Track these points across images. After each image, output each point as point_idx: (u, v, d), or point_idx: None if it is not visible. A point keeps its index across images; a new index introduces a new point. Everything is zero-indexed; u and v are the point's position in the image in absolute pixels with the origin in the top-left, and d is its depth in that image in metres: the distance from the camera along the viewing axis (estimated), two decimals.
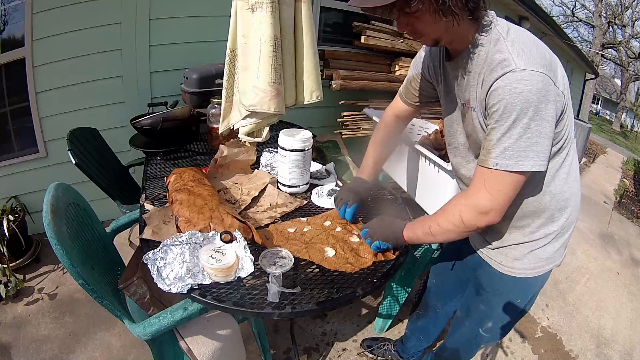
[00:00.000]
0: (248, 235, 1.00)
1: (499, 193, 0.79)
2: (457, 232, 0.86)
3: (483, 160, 0.80)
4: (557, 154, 0.85)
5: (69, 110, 2.18)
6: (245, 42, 1.33)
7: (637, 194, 5.99)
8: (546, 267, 0.97)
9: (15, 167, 2.18)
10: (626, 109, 18.08)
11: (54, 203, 0.96)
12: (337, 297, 0.87)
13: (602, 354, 1.95)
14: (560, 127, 0.80)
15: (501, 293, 1.04)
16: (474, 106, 0.84)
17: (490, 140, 0.78)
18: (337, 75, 2.85)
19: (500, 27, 0.78)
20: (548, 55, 0.76)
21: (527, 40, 0.76)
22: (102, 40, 2.13)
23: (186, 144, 1.75)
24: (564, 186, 0.89)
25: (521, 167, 0.75)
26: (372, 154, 1.22)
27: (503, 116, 0.74)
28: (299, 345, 1.68)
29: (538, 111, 0.72)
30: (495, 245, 1.00)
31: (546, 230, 0.93)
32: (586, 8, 14.80)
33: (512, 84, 0.72)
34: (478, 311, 1.11)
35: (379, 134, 1.22)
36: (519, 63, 0.72)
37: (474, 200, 0.82)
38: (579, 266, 2.81)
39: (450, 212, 0.86)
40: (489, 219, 0.81)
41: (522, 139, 0.74)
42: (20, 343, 1.62)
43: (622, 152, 10.78)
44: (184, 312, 0.91)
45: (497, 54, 0.75)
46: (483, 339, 1.15)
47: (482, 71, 0.79)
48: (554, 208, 0.90)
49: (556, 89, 0.74)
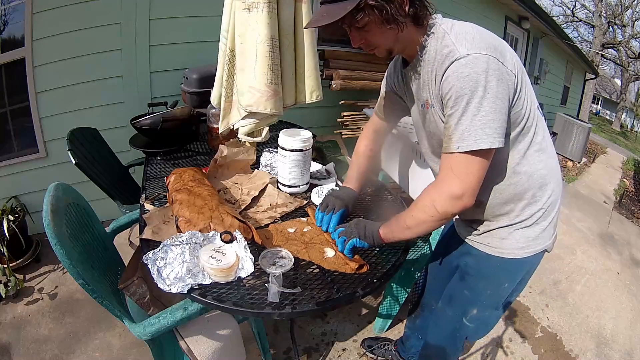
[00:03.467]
0: (248, 235, 1.00)
1: (468, 175, 0.80)
2: (432, 222, 0.87)
3: (446, 147, 0.82)
4: (524, 134, 0.87)
5: (69, 110, 2.18)
6: (242, 42, 1.33)
7: (637, 194, 5.99)
8: (536, 247, 0.96)
9: (15, 167, 2.18)
10: (626, 109, 18.08)
11: (54, 203, 0.96)
12: (337, 297, 0.86)
13: (602, 354, 1.95)
14: (519, 106, 0.83)
15: (487, 276, 1.03)
16: (432, 103, 0.87)
17: (449, 127, 0.81)
18: (337, 75, 2.85)
19: (444, 25, 0.83)
20: (492, 40, 0.80)
21: (471, 30, 0.81)
22: (102, 40, 2.13)
23: (186, 144, 1.75)
24: (538, 164, 0.90)
25: (481, 144, 0.77)
26: (355, 165, 1.23)
27: (457, 101, 0.77)
28: (299, 345, 1.67)
29: (488, 89, 0.75)
30: (482, 230, 1.01)
31: (531, 210, 0.93)
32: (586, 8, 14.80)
33: (459, 70, 0.76)
34: (462, 297, 1.10)
35: (361, 147, 1.24)
36: (461, 50, 0.76)
37: (444, 187, 0.83)
38: (579, 266, 2.81)
39: (423, 203, 0.87)
40: (463, 202, 0.82)
41: (477, 117, 0.76)
42: (20, 343, 1.62)
43: (622, 152, 10.78)
44: (184, 312, 0.91)
45: (444, 49, 0.80)
46: (468, 329, 1.12)
47: (433, 68, 0.83)
48: (534, 187, 0.91)
49: (504, 68, 0.77)
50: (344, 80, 2.84)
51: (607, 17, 13.67)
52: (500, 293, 1.04)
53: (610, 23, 13.77)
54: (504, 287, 1.03)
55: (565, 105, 9.72)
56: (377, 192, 1.41)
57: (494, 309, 1.08)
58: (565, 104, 9.78)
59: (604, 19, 13.69)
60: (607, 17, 13.68)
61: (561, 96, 9.41)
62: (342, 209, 1.11)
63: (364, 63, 3.06)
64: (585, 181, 5.78)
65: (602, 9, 13.56)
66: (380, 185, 1.47)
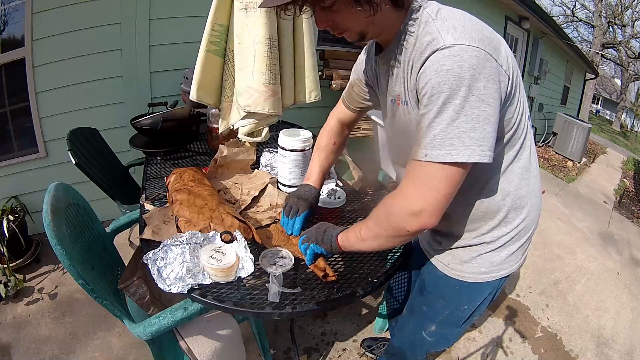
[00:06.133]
0: (248, 235, 1.00)
1: (430, 190, 0.66)
2: (386, 238, 0.75)
3: (413, 152, 0.68)
4: (509, 146, 0.75)
5: (69, 110, 2.18)
6: (240, 42, 1.34)
7: (637, 194, 5.99)
8: (500, 272, 0.87)
9: (15, 167, 2.17)
10: (626, 109, 18.08)
11: (54, 203, 0.96)
12: (337, 297, 0.87)
13: (602, 354, 1.95)
14: (509, 114, 0.71)
15: (445, 296, 0.95)
16: (406, 99, 0.75)
17: (420, 129, 0.67)
18: (337, 75, 2.85)
19: (429, 9, 0.69)
20: (487, 32, 0.67)
21: (461, 17, 0.67)
22: (102, 40, 2.13)
23: (186, 144, 1.75)
24: (519, 182, 0.79)
25: (455, 157, 0.63)
26: (317, 161, 1.13)
27: (431, 99, 0.63)
28: (299, 345, 1.67)
29: (473, 90, 0.61)
30: (443, 246, 0.91)
31: (499, 233, 0.83)
32: (586, 8, 14.79)
33: (440, 61, 0.62)
34: (421, 312, 1.03)
35: (323, 140, 1.13)
36: (447, 39, 0.62)
37: (401, 200, 0.70)
38: (579, 266, 2.81)
39: (377, 214, 0.76)
40: (421, 221, 0.68)
41: (455, 123, 0.62)
42: (20, 343, 1.62)
43: (622, 152, 10.78)
44: (184, 312, 0.91)
45: (425, 37, 0.66)
46: (426, 342, 1.05)
47: (411, 58, 0.70)
48: (508, 208, 0.80)
49: (498, 67, 0.64)
50: (344, 80, 2.84)
51: (607, 17, 13.67)
52: (460, 314, 0.96)
53: (610, 23, 13.77)
54: (464, 308, 0.95)
55: (565, 105, 9.72)
56: (377, 192, 1.41)
57: (454, 327, 1.01)
58: (565, 104, 9.78)
59: (604, 19, 13.69)
60: (607, 17, 13.68)
61: (561, 96, 9.41)
62: (306, 210, 1.04)
63: None
64: (585, 181, 5.78)
65: (602, 9, 13.55)
66: (380, 185, 1.47)
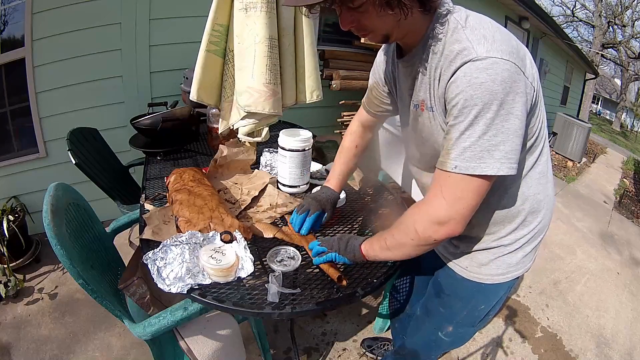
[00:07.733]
0: (248, 235, 1.00)
1: (458, 201, 0.68)
2: (412, 246, 0.76)
3: (441, 162, 0.70)
4: (530, 153, 0.78)
5: (69, 110, 2.18)
6: (240, 42, 1.33)
7: (637, 194, 5.99)
8: (516, 272, 0.90)
9: (15, 167, 2.18)
10: (626, 109, 18.08)
11: (54, 203, 0.96)
12: (337, 297, 0.87)
13: (602, 354, 1.95)
14: (533, 123, 0.73)
15: (462, 298, 0.97)
16: (431, 105, 0.75)
17: (449, 139, 0.68)
18: (337, 75, 2.85)
19: (457, 15, 0.69)
20: (514, 43, 0.68)
21: (490, 26, 0.68)
22: (102, 40, 2.13)
23: (186, 144, 1.75)
24: (537, 187, 0.82)
25: (485, 170, 0.65)
26: (338, 164, 1.15)
27: (463, 111, 0.65)
28: (299, 345, 1.67)
29: (504, 105, 0.62)
30: (461, 250, 0.92)
31: (517, 235, 0.85)
32: (586, 8, 14.79)
33: (473, 74, 0.63)
34: (438, 314, 1.04)
35: (346, 143, 1.15)
36: (479, 50, 0.63)
37: (429, 209, 0.72)
38: (579, 266, 2.81)
39: (405, 223, 0.77)
40: (447, 230, 0.70)
41: (485, 137, 0.64)
42: (20, 343, 1.62)
43: (622, 152, 10.78)
44: (184, 312, 0.91)
45: (455, 44, 0.67)
46: (443, 343, 1.07)
47: (439, 65, 0.70)
48: (527, 212, 0.83)
49: (525, 80, 0.65)
50: (344, 80, 2.85)
51: (607, 17, 13.67)
52: (477, 314, 0.99)
53: (610, 23, 13.78)
54: (481, 308, 0.98)
55: (565, 105, 9.73)
56: (377, 192, 1.41)
57: (470, 326, 1.03)
58: (565, 104, 9.78)
59: (604, 19, 13.69)
60: (607, 17, 13.68)
61: (561, 96, 9.42)
62: (317, 211, 1.05)
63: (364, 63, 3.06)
64: (585, 181, 5.78)
65: (602, 9, 13.56)
66: (380, 185, 1.47)
